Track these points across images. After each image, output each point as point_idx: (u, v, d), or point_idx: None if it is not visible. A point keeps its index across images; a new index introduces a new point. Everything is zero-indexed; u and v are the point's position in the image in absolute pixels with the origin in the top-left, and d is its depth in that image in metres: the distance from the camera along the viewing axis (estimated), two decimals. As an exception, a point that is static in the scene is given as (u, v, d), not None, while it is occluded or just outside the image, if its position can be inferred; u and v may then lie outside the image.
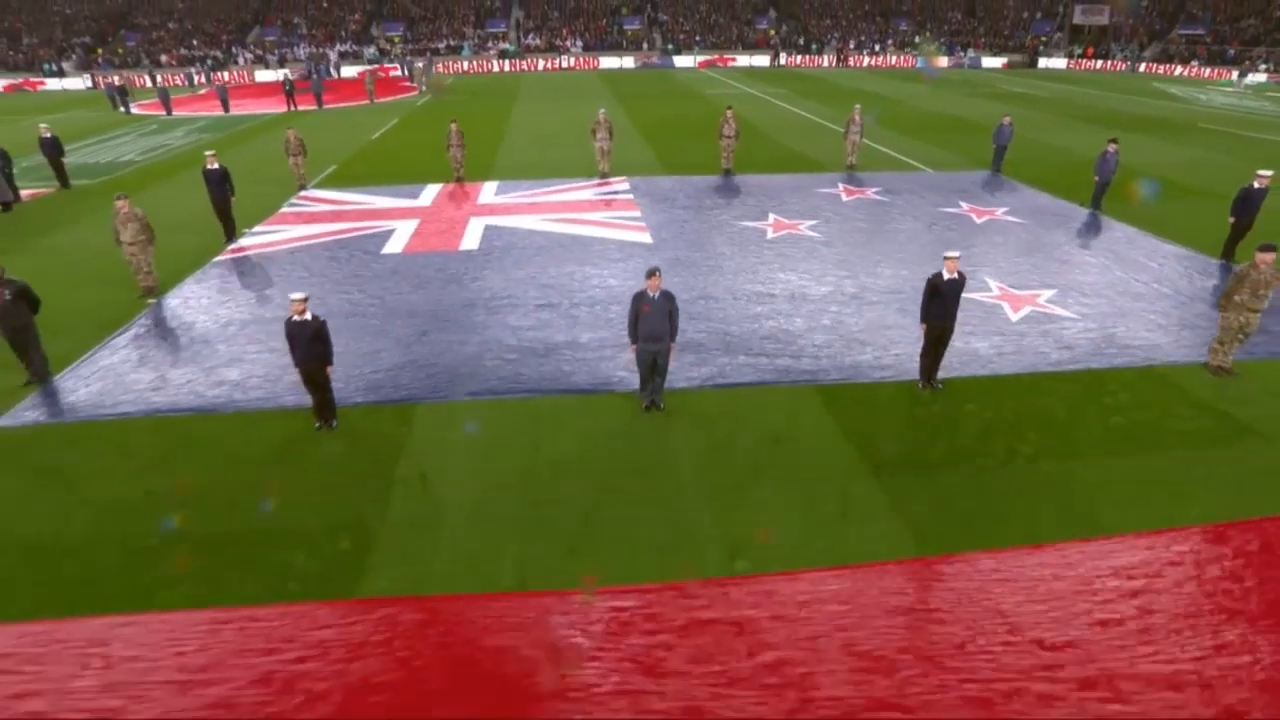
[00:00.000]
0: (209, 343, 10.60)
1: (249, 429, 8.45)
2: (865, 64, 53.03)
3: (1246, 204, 12.63)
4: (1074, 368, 9.54)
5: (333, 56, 57.04)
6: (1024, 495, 7.10)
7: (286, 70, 46.30)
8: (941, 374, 9.12)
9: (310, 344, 7.77)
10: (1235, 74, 41.22)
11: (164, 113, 34.47)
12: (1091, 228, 15.30)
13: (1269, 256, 8.74)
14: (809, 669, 5.19)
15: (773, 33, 59.74)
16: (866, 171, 20.13)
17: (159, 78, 46.54)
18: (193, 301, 12.16)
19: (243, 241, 15.09)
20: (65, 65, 56.04)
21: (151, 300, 12.29)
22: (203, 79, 48.72)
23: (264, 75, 51.87)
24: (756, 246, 14.06)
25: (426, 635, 5.58)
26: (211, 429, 8.48)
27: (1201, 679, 5.08)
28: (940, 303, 8.48)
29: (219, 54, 57.81)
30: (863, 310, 11.25)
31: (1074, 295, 11.77)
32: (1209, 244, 13.68)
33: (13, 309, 9.22)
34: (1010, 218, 15.84)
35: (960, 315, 8.99)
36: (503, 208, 16.89)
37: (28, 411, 8.98)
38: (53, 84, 51.74)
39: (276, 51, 58.77)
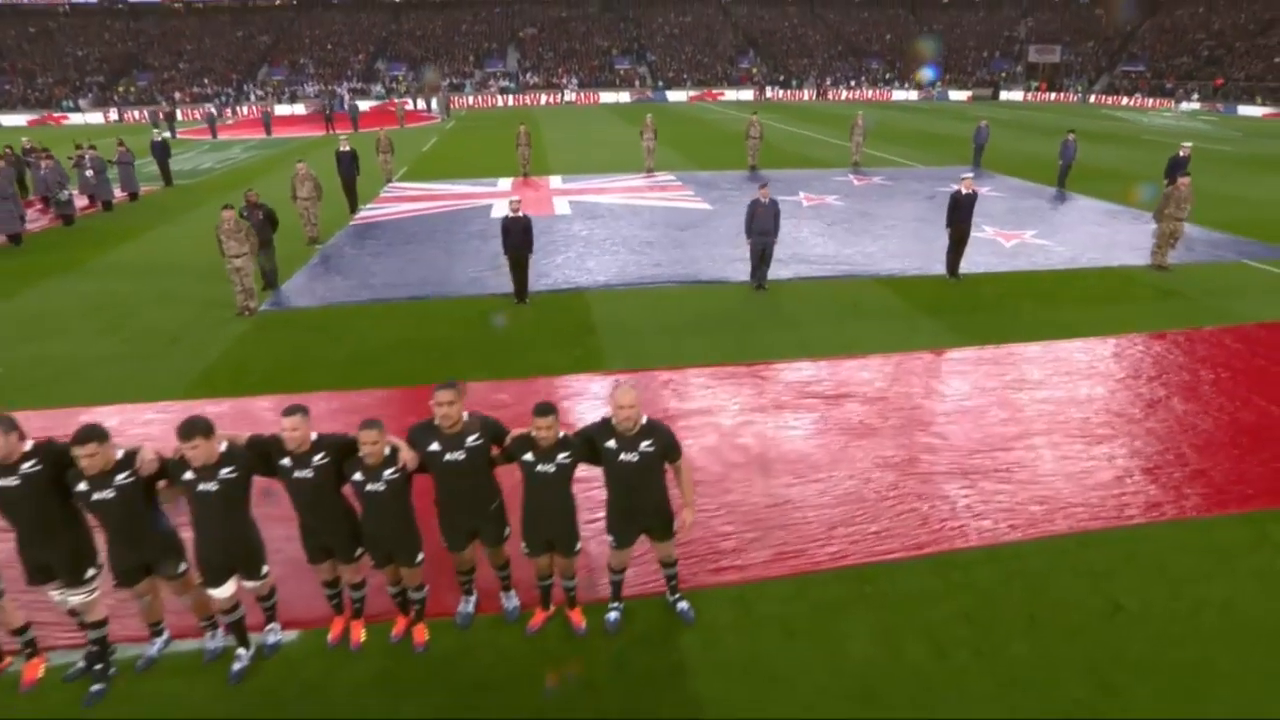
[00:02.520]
0: (385, 266, 13.53)
1: (461, 306, 11.42)
2: (843, 97, 57.98)
3: (1174, 168, 16.31)
4: (1056, 269, 12.94)
5: (342, 93, 60.26)
6: (1027, 323, 10.36)
7: (322, 99, 49.53)
8: (961, 271, 12.42)
9: (522, 234, 10.82)
10: (1173, 102, 46.63)
11: (209, 136, 37.34)
12: (1059, 198, 18.99)
13: (1187, 180, 12.31)
14: (909, 390, 8.31)
15: (754, 71, 64.71)
16: (869, 168, 23.81)
17: (178, 110, 49.40)
18: (352, 245, 15.10)
19: (363, 213, 18.05)
20: (82, 102, 58.56)
21: (318, 245, 15.19)
22: (229, 111, 51.70)
23: (281, 109, 54.94)
24: (796, 210, 17.44)
25: (653, 386, 8.54)
26: (431, 307, 11.43)
27: (1138, 396, 8.31)
28: (960, 211, 11.82)
29: (230, 91, 60.76)
30: (891, 241, 14.64)
31: (1051, 234, 15.29)
32: (1150, 206, 17.35)
33: (263, 226, 12.11)
34: (994, 193, 19.49)
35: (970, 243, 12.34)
36: (576, 190, 20.15)
37: (276, 304, 11.82)
38: (75, 118, 54.23)
39: (286, 89, 61.97)
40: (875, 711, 4.29)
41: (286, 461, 4.36)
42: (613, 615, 4.95)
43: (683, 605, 5.03)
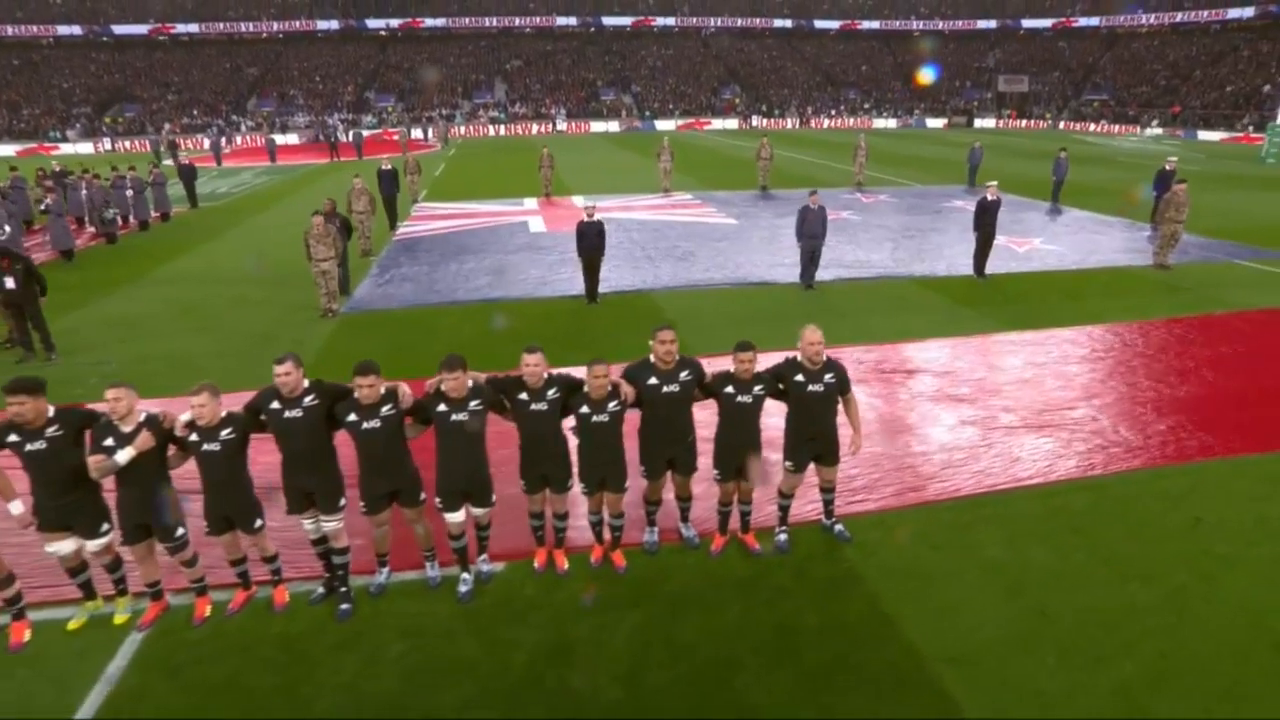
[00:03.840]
0: (445, 274, 14.29)
1: (535, 306, 12.27)
2: (825, 125, 60.17)
3: (1162, 180, 17.79)
4: (1069, 269, 14.18)
5: (334, 123, 60.78)
6: (1056, 312, 11.47)
7: (315, 129, 50.25)
8: (986, 271, 13.57)
9: (596, 237, 11.71)
10: (1138, 128, 49.48)
11: (214, 164, 37.84)
12: (1055, 212, 20.42)
13: (1183, 186, 13.67)
14: (971, 366, 9.30)
15: (737, 101, 66.88)
16: (871, 187, 25.17)
17: (176, 141, 49.74)
18: (405, 257, 15.85)
19: (402, 229, 18.82)
20: (70, 133, 58.71)
21: (372, 257, 15.92)
22: (224, 141, 52.12)
23: (278, 139, 55.39)
24: (817, 222, 18.58)
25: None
26: (505, 307, 12.22)
27: (1170, 368, 9.40)
28: (987, 215, 12.99)
29: (221, 122, 61.18)
30: (912, 248, 15.85)
31: (1056, 240, 16.61)
32: (1140, 217, 18.84)
33: (339, 235, 12.84)
34: (994, 207, 20.85)
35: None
36: (603, 208, 20.95)
37: (353, 307, 12.52)
38: (65, 149, 54.27)
39: (276, 120, 62.58)
40: (1024, 598, 5.15)
41: (524, 396, 5.16)
42: (782, 537, 5.77)
43: (839, 527, 5.87)
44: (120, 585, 5.34)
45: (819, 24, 72.83)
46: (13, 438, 4.77)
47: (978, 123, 58.89)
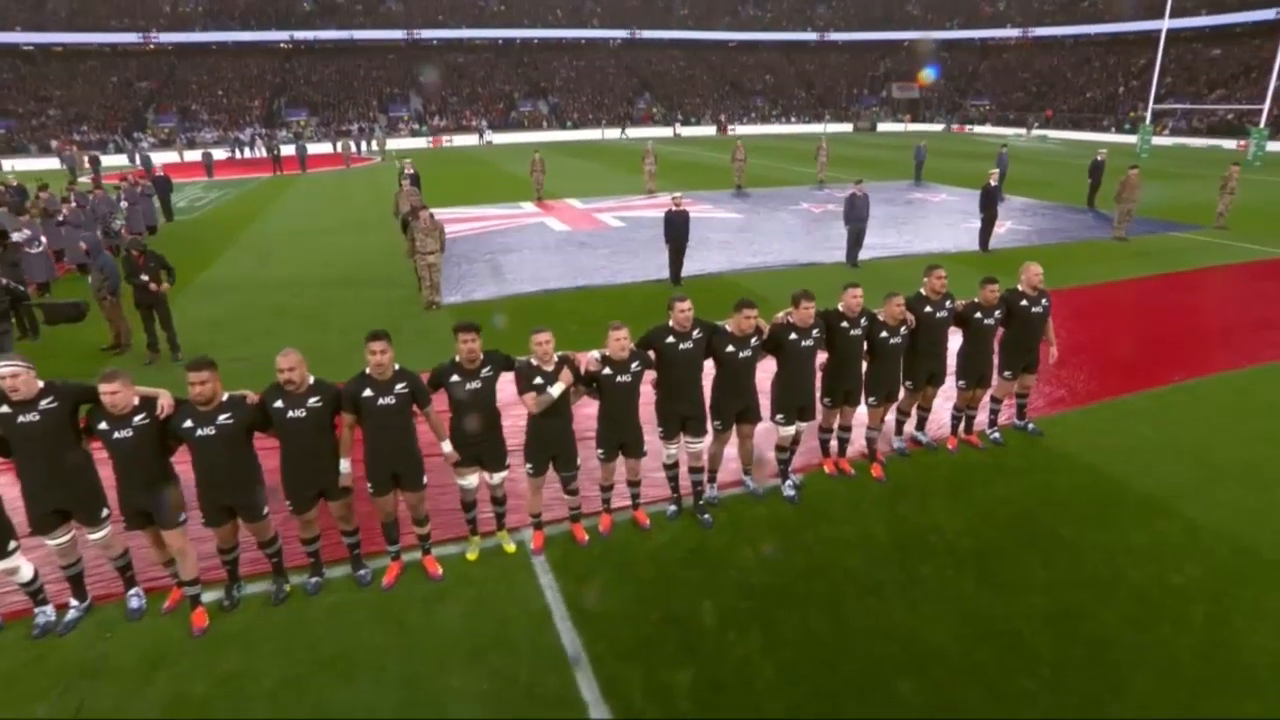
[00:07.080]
0: (511, 268, 15.12)
1: (629, 291, 13.38)
2: (740, 132, 63.32)
3: (1095, 170, 20.96)
4: (1049, 244, 16.78)
5: (245, 139, 58.20)
6: (1061, 275, 13.76)
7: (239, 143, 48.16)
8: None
9: (683, 226, 13.01)
10: (1025, 129, 55.57)
11: (146, 179, 35.96)
12: (1003, 200, 23.28)
13: (1135, 172, 16.50)
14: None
15: (653, 110, 69.23)
16: (832, 185, 27.58)
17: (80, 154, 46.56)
18: (456, 256, 16.47)
19: (425, 236, 19.31)
20: (-71, 151, 53.79)
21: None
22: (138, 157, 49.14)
23: (192, 155, 52.58)
24: (811, 215, 20.58)
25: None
26: (600, 293, 13.28)
27: (1192, 307, 11.82)
28: (989, 199, 15.30)
29: (118, 139, 57.48)
30: (910, 232, 18.09)
31: (1021, 223, 19.34)
32: (1078, 200, 22.02)
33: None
34: (952, 198, 23.64)
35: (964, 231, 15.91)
36: (607, 209, 22.31)
37: (448, 300, 13.24)
38: (-64, 169, 49.50)
39: (183, 135, 59.48)
40: (1192, 457, 6.97)
41: (845, 324, 6.49)
42: (997, 434, 7.38)
43: (1031, 425, 7.54)
44: (500, 521, 6.11)
45: (720, 35, 76.47)
46: (454, 378, 5.63)
47: (880, 126, 63.86)
